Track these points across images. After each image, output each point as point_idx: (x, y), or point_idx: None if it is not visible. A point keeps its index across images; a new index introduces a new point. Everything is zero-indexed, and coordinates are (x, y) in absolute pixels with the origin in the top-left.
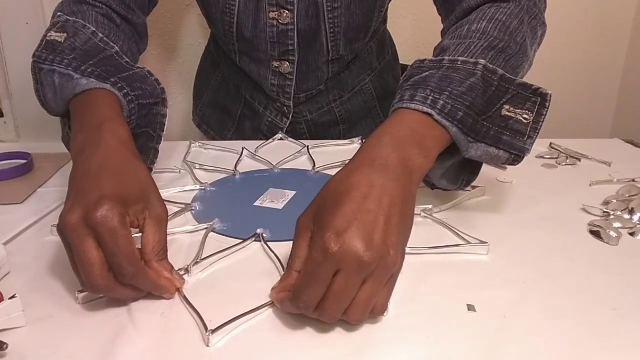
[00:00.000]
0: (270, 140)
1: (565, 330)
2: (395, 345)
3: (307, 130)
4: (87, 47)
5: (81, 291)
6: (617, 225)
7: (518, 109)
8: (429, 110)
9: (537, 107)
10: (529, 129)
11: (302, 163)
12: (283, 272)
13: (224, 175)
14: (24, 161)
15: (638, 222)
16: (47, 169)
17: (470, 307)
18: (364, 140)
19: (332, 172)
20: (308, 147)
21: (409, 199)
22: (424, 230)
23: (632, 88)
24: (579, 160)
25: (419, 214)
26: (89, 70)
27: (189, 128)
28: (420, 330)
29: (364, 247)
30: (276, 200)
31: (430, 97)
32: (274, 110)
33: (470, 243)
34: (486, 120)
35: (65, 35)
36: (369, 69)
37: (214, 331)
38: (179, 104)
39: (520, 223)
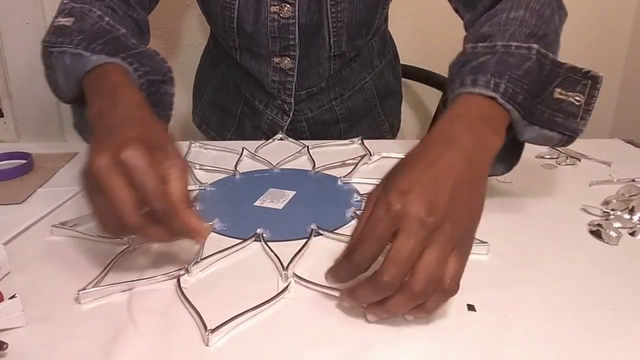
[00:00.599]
0: (270, 140)
1: (565, 330)
2: (395, 345)
3: (307, 128)
4: (95, 29)
5: (81, 291)
6: (617, 225)
7: (570, 91)
8: (493, 94)
9: (588, 89)
10: (581, 110)
11: (302, 163)
12: (283, 272)
13: (224, 175)
14: (24, 161)
15: (638, 222)
16: (47, 169)
17: (470, 307)
18: (364, 140)
19: (332, 172)
20: (308, 147)
21: (479, 180)
22: None
23: (632, 88)
24: (579, 160)
25: None
26: (98, 48)
27: (189, 128)
28: (420, 330)
29: (427, 208)
30: (276, 200)
31: (492, 81)
32: (274, 108)
33: None
34: (540, 103)
35: (72, 19)
36: (370, 67)
37: (213, 330)
38: (179, 104)
39: (520, 223)
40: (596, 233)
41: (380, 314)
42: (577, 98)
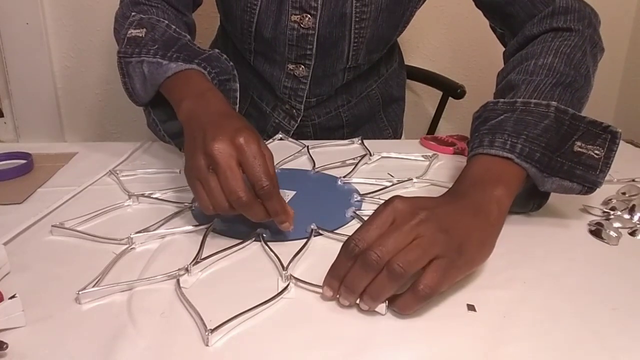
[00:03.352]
0: (270, 140)
1: (565, 330)
2: (395, 345)
3: (313, 133)
4: (165, 38)
5: (81, 291)
6: (617, 225)
7: (589, 145)
8: (509, 155)
9: (607, 143)
10: (600, 163)
11: (302, 163)
12: (283, 272)
13: None
14: (24, 161)
15: (638, 222)
16: (47, 169)
17: (470, 307)
18: (364, 140)
19: (332, 172)
20: (308, 147)
21: (487, 221)
22: None
23: (632, 88)
24: None
25: None
26: (174, 56)
27: None
28: (420, 330)
29: (423, 207)
30: None
31: (509, 142)
32: (281, 112)
33: None
34: (560, 156)
35: (144, 30)
36: (377, 75)
37: (213, 330)
38: None
39: (520, 223)
40: (596, 233)
41: (368, 301)
42: (597, 152)
